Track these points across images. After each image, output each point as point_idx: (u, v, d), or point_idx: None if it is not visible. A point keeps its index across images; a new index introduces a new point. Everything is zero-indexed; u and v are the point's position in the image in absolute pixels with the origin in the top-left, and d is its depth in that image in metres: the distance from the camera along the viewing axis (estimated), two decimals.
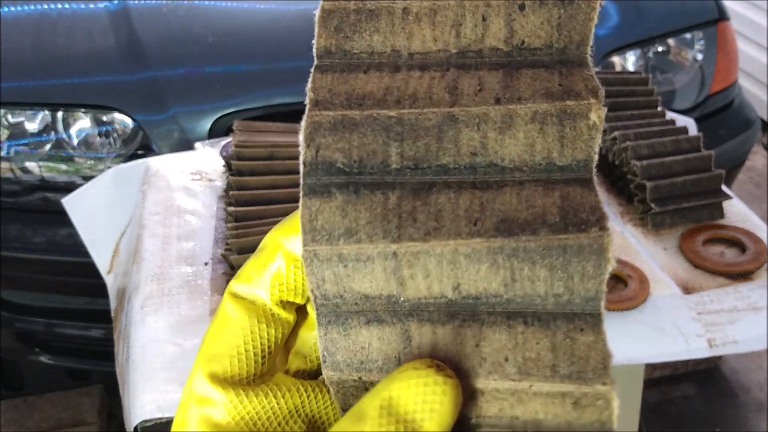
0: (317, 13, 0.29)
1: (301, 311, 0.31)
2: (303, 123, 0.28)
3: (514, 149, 0.27)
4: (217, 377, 0.28)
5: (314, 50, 0.29)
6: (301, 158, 0.27)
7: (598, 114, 0.27)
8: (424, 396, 0.25)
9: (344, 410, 0.28)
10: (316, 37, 0.29)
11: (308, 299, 0.31)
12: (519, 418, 0.27)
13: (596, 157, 0.27)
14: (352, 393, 0.28)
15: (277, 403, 0.29)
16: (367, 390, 0.27)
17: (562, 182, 0.26)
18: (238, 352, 0.29)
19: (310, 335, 0.32)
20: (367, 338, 0.27)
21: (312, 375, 0.32)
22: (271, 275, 0.30)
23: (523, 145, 0.27)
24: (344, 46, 0.29)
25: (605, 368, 0.25)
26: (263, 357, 0.29)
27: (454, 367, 0.26)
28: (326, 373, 0.27)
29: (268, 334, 0.29)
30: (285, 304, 0.30)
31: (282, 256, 0.30)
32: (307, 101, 0.28)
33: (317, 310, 0.28)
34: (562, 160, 0.27)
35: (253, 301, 0.30)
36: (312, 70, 0.29)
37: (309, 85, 0.29)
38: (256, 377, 0.29)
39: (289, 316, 0.30)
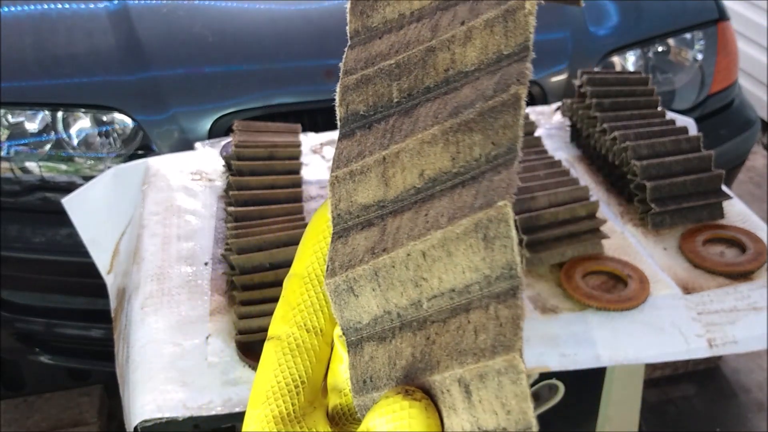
0: (348, 4, 0.35)
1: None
2: (337, 88, 0.34)
3: (474, 54, 0.32)
4: (264, 419, 0.30)
5: (348, 33, 0.36)
6: (338, 115, 0.34)
7: (531, 4, 0.31)
8: (393, 421, 0.27)
9: (342, 324, 0.31)
10: (348, 23, 0.36)
11: (333, 328, 0.33)
12: (443, 281, 0.30)
13: (532, 38, 0.32)
14: (343, 298, 0.31)
15: None
16: (351, 290, 0.31)
17: (506, 66, 0.31)
18: (272, 389, 0.30)
19: (342, 369, 0.32)
20: (359, 240, 0.32)
21: (350, 410, 0.32)
22: (290, 303, 0.33)
23: (480, 49, 0.32)
24: (366, 24, 0.35)
25: (508, 191, 0.28)
26: (296, 387, 0.30)
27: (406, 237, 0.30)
28: (326, 282, 0.31)
29: (296, 364, 0.31)
30: (311, 329, 0.32)
31: (298, 286, 0.33)
32: (340, 72, 0.35)
33: (333, 228, 0.33)
34: (507, 49, 0.32)
35: (279, 337, 0.32)
36: (346, 49, 0.36)
37: (343, 60, 0.35)
38: (297, 412, 0.30)
39: (315, 340, 0.32)
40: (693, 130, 1.05)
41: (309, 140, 1.16)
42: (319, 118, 1.44)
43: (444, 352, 0.28)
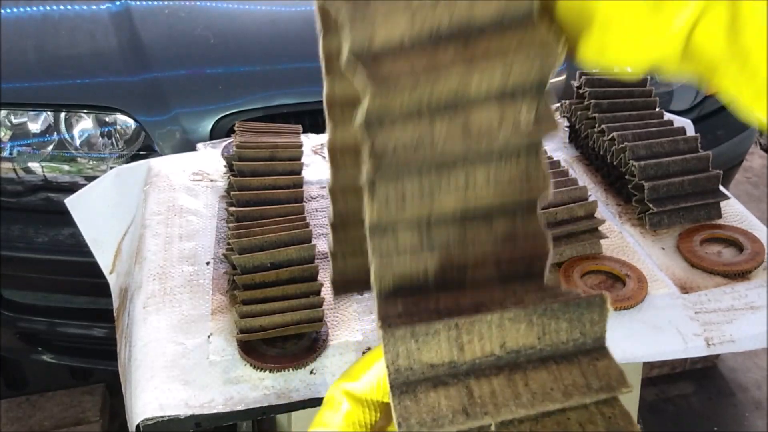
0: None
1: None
2: (382, 341, 0.35)
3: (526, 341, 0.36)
4: None
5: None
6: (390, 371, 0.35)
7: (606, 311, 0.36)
8: None
9: None
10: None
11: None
12: None
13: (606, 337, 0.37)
14: None
15: None
16: None
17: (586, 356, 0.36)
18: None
19: None
20: (436, 399, 0.34)
21: None
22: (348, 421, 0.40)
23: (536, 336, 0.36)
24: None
25: (624, 379, 0.35)
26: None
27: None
28: None
29: (370, 416, 0.40)
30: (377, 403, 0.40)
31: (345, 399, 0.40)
32: (378, 331, 0.35)
33: (391, 384, 0.34)
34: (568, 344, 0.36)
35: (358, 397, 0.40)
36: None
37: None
38: None
39: (377, 410, 0.40)
40: (690, 130, 1.06)
41: (310, 141, 1.17)
42: (320, 119, 1.45)
43: None
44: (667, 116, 1.07)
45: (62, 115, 1.40)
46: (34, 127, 1.41)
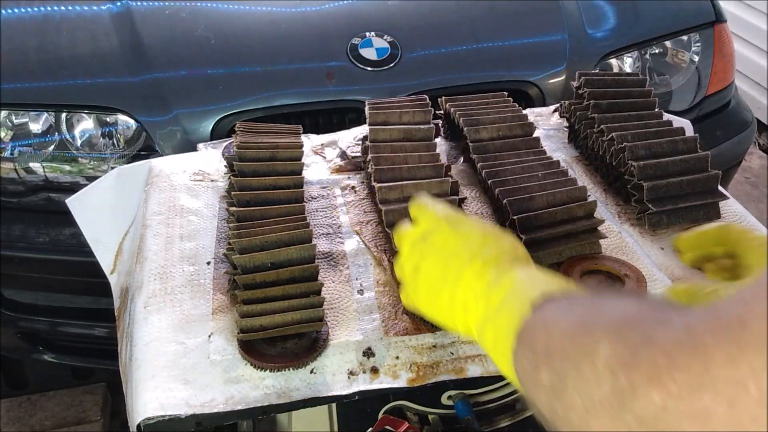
0: None
1: None
2: None
3: None
4: None
5: None
6: None
7: None
8: None
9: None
10: None
11: None
12: None
13: None
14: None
15: None
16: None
17: None
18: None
19: None
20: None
21: None
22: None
23: None
24: None
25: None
26: None
27: None
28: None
29: None
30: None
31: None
32: None
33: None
34: None
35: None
36: None
37: None
38: None
39: None
40: (690, 131, 1.06)
41: (310, 141, 1.17)
42: (320, 119, 1.45)
43: None
44: (666, 116, 1.08)
45: (63, 115, 1.41)
46: (35, 127, 1.41)
